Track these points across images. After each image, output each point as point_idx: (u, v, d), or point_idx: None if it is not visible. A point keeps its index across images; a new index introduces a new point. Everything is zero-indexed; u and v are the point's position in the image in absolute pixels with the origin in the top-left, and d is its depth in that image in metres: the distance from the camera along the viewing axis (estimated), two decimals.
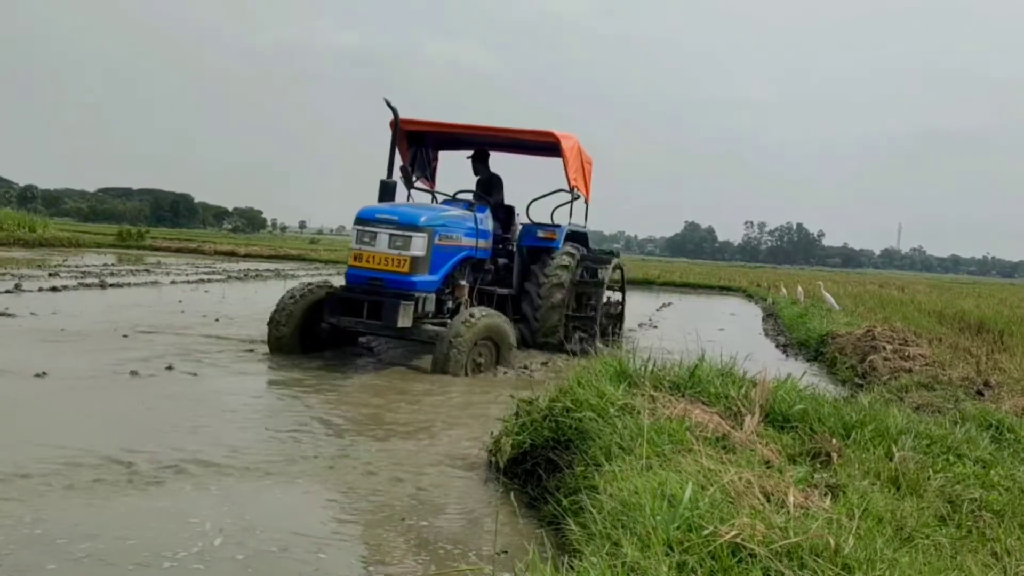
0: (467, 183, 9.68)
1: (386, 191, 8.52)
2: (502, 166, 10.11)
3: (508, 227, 9.72)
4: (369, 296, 7.50)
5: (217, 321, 10.09)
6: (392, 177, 8.70)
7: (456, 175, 9.78)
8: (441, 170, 10.32)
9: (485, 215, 8.87)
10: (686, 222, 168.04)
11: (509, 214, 9.83)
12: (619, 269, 10.66)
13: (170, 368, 6.69)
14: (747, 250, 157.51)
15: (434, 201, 9.67)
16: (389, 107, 8.59)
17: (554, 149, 9.44)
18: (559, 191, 9.74)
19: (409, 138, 9.51)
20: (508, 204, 9.82)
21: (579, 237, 10.24)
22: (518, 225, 9.81)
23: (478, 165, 9.68)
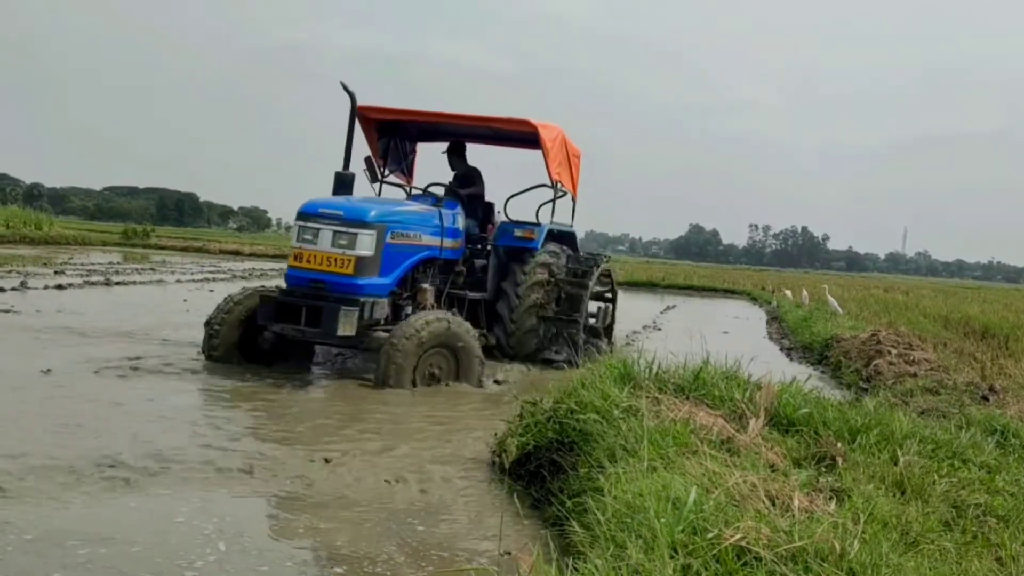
0: (451, 177, 8.84)
1: (341, 183, 7.71)
2: (486, 161, 9.21)
3: (486, 226, 8.95)
4: (308, 300, 6.67)
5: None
6: (350, 168, 7.87)
7: (443, 170, 8.97)
8: (426, 165, 9.50)
9: (455, 211, 8.04)
10: (691, 224, 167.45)
11: (488, 211, 9.03)
12: (608, 275, 9.62)
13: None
14: (752, 253, 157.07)
15: (408, 197, 8.87)
16: (346, 91, 7.76)
17: (532, 140, 8.60)
18: (540, 186, 8.82)
19: (379, 128, 8.78)
20: (488, 201, 9.01)
21: (565, 237, 9.22)
22: (497, 223, 8.96)
23: (454, 159, 8.86)
